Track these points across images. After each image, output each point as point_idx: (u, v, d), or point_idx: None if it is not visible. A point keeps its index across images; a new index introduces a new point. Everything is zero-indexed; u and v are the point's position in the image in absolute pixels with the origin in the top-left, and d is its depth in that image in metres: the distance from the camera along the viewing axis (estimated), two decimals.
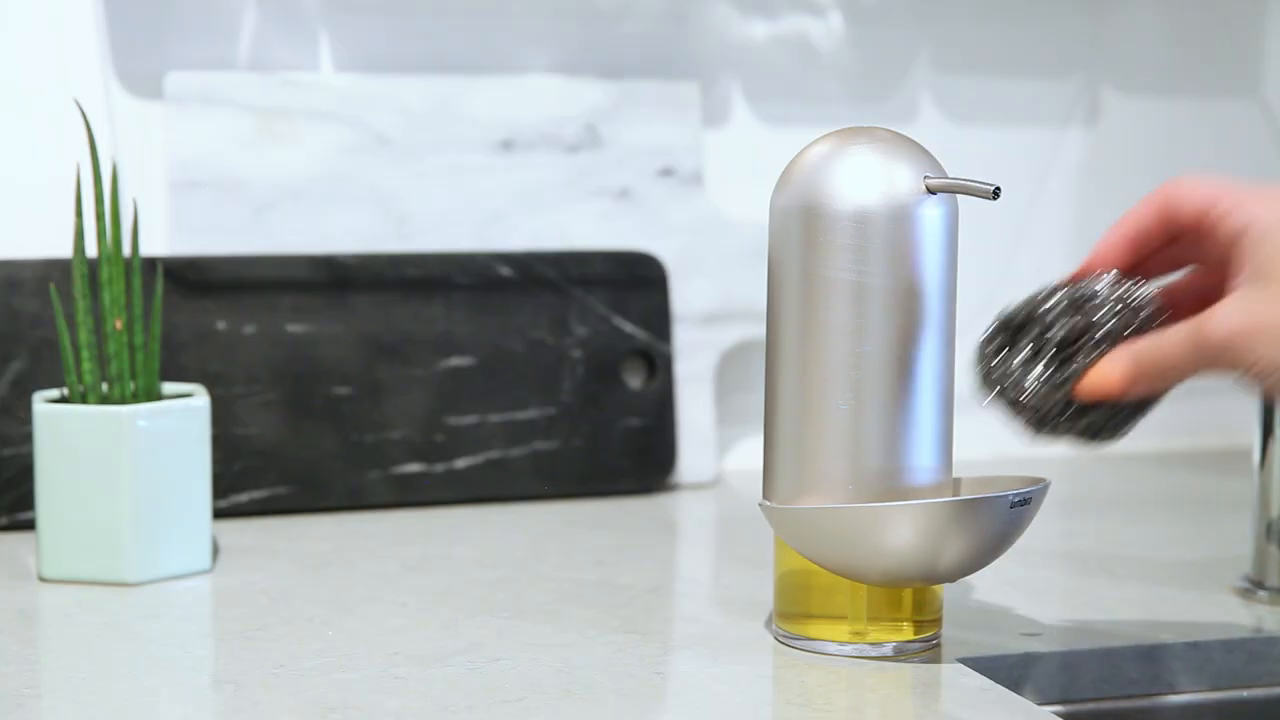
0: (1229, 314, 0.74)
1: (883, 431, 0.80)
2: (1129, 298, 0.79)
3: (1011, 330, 0.80)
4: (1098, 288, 0.79)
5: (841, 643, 0.83)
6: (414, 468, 1.16)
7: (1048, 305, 0.79)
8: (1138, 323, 0.78)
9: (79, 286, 0.96)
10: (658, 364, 1.22)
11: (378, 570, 1.00)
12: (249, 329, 1.14)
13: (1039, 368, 0.78)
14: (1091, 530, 1.15)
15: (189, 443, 0.97)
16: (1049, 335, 0.78)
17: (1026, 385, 0.79)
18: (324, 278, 1.16)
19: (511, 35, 1.24)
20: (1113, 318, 0.78)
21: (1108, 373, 0.77)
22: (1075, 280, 0.81)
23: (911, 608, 0.84)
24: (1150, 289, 0.79)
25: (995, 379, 0.79)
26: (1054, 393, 0.78)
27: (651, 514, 1.18)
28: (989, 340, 0.80)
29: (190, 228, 1.16)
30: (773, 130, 1.30)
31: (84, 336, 0.96)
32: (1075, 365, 0.78)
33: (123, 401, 0.97)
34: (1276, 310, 0.73)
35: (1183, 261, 0.82)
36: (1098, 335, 0.78)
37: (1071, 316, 0.78)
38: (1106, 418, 0.79)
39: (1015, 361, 0.79)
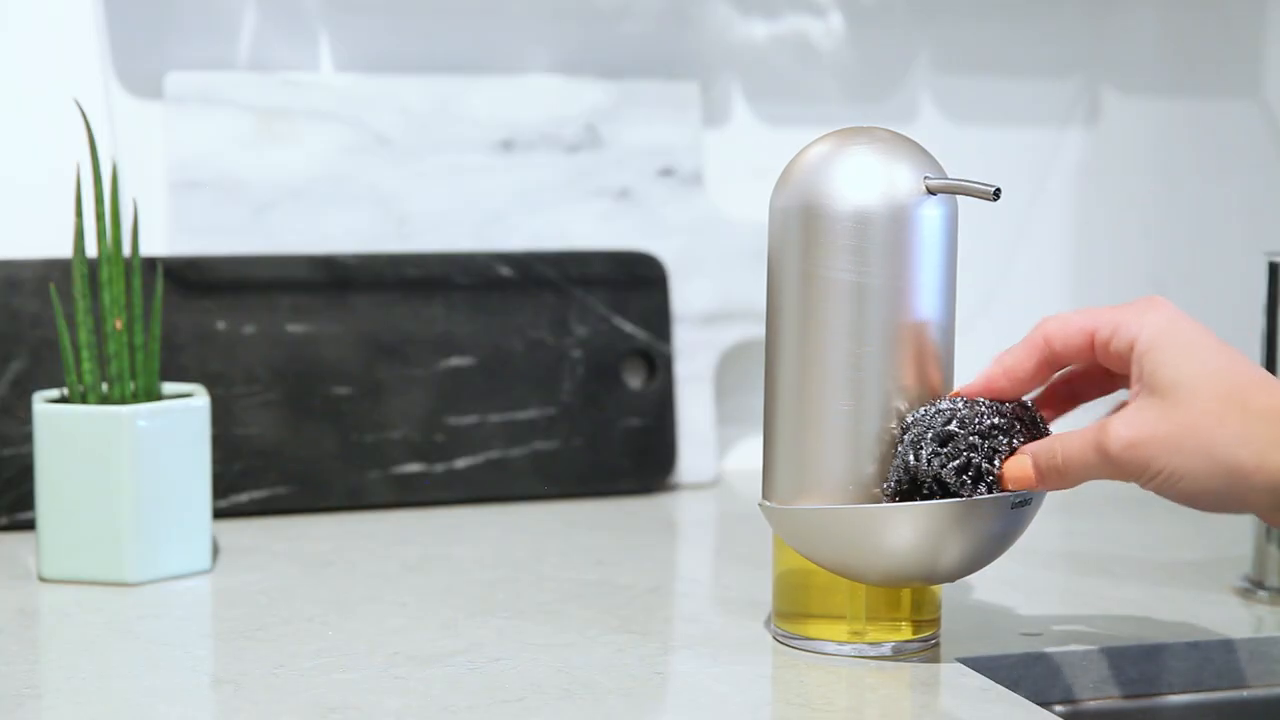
0: (1124, 426, 0.75)
1: (882, 431, 0.80)
2: (987, 429, 0.79)
3: (906, 485, 0.80)
4: (955, 420, 0.79)
5: (840, 642, 0.83)
6: (414, 468, 1.16)
7: (923, 458, 0.78)
8: (1010, 441, 0.79)
9: (79, 286, 0.96)
10: (658, 364, 1.22)
11: (378, 570, 1.00)
12: (249, 329, 1.14)
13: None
14: (1091, 530, 1.15)
15: (189, 443, 0.97)
16: (944, 475, 0.78)
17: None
18: (324, 278, 1.16)
19: (511, 35, 1.24)
20: (982, 450, 0.79)
21: (1022, 466, 0.78)
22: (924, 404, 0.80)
23: (910, 607, 0.84)
24: (989, 410, 0.80)
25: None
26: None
27: (651, 514, 1.18)
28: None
29: (190, 228, 1.16)
30: (773, 130, 1.30)
31: (84, 336, 0.96)
32: (985, 480, 0.79)
33: (123, 401, 0.97)
34: (1168, 422, 0.74)
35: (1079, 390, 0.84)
36: (981, 466, 0.78)
37: (947, 455, 0.78)
38: None
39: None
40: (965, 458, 0.78)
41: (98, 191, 0.96)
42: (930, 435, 0.78)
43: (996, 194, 0.79)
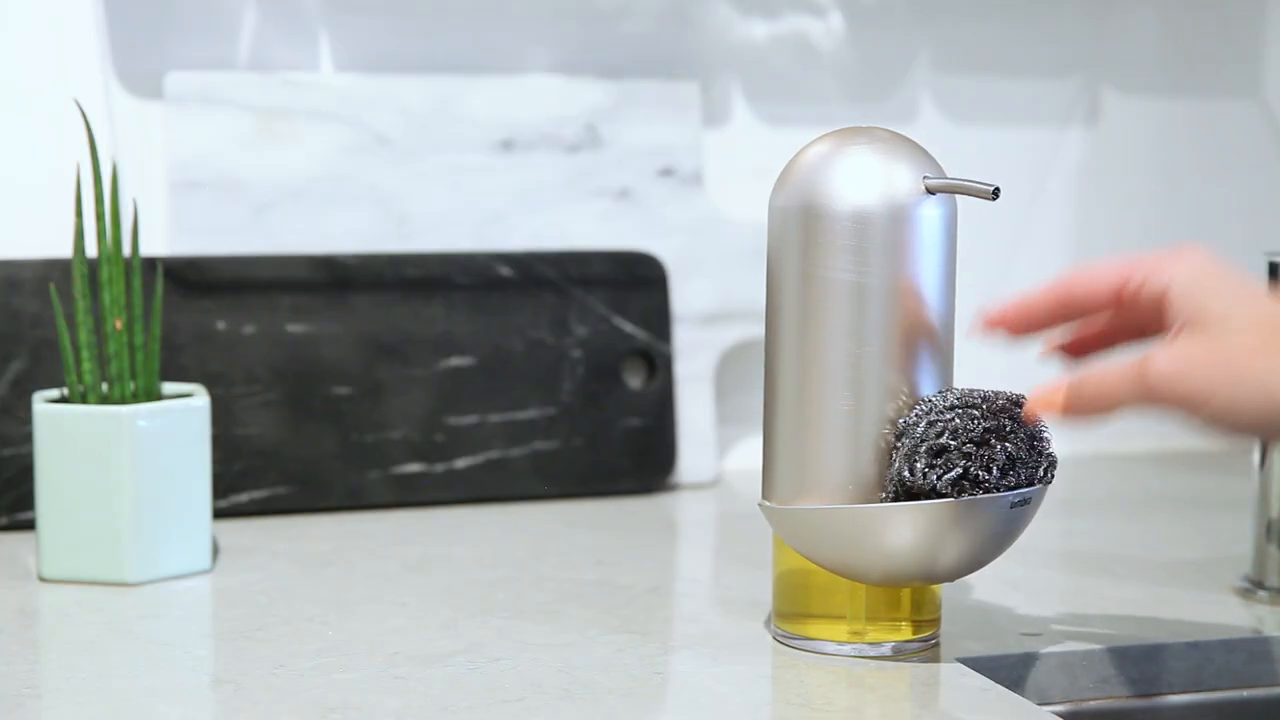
0: (1167, 358, 0.75)
1: (882, 432, 0.80)
2: (980, 436, 0.79)
3: (903, 498, 0.80)
4: (948, 432, 0.79)
5: (840, 642, 0.83)
6: (414, 468, 1.16)
7: (917, 472, 0.78)
8: (1003, 445, 0.79)
9: (79, 286, 0.96)
10: (658, 364, 1.22)
11: (378, 570, 1.00)
12: (249, 329, 1.14)
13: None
14: (1091, 530, 1.15)
15: (189, 443, 0.97)
16: (940, 487, 0.78)
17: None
18: (324, 278, 1.16)
19: (511, 35, 1.24)
20: (976, 459, 0.78)
21: (1052, 393, 0.78)
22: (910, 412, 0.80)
23: (910, 607, 0.84)
24: (981, 414, 0.79)
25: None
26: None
27: (651, 514, 1.18)
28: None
29: (190, 228, 1.16)
30: (773, 130, 1.30)
31: (84, 336, 0.96)
32: (983, 490, 0.79)
33: (123, 401, 0.97)
34: (1212, 352, 0.74)
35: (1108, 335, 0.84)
36: (977, 475, 0.79)
37: (942, 468, 0.78)
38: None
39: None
40: (961, 468, 0.78)
41: (98, 191, 0.96)
42: (924, 449, 0.78)
43: (996, 194, 0.79)
